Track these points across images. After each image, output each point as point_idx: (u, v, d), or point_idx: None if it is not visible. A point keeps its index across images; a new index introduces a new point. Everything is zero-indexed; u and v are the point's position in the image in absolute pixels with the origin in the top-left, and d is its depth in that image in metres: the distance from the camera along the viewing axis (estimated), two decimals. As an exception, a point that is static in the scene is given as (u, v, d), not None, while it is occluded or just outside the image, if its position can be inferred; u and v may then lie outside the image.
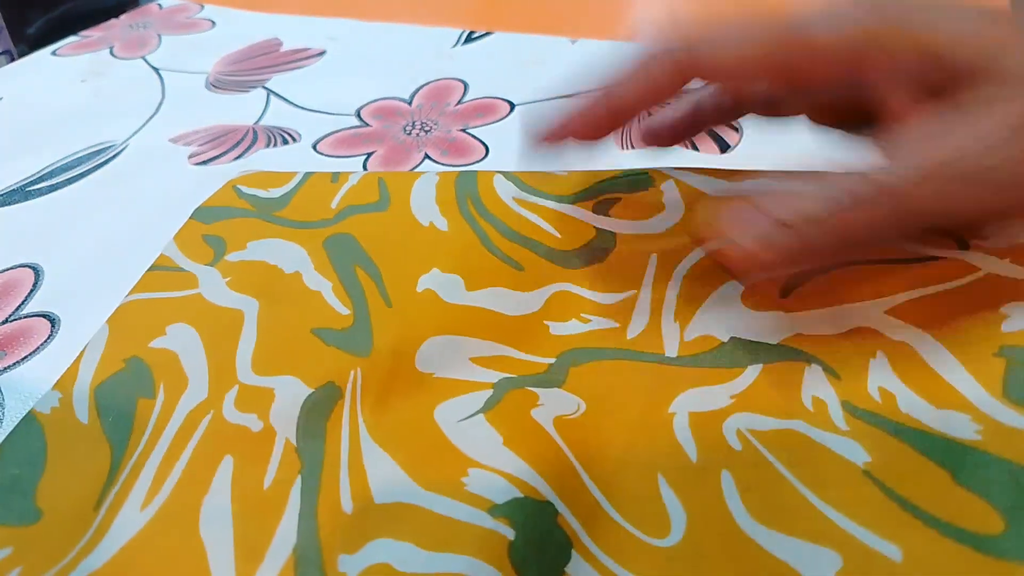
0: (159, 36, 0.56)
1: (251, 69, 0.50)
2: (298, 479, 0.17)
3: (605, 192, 0.25)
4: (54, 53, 0.55)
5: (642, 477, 0.17)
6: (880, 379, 0.17)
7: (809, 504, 0.16)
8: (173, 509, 0.17)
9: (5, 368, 0.30)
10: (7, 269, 0.35)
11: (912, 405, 0.17)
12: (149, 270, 0.26)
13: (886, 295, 0.19)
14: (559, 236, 0.24)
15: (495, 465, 0.17)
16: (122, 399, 0.20)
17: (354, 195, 0.27)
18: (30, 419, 0.20)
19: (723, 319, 0.20)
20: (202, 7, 0.60)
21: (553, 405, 0.19)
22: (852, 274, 0.20)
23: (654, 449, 0.17)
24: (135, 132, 0.45)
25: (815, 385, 0.18)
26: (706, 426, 0.18)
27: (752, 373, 0.19)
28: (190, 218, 0.28)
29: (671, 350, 0.20)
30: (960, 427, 0.16)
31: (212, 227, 0.27)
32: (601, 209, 0.24)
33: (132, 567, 0.16)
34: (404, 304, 0.22)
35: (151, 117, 0.46)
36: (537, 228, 0.24)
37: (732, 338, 0.20)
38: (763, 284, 0.21)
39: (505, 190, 0.26)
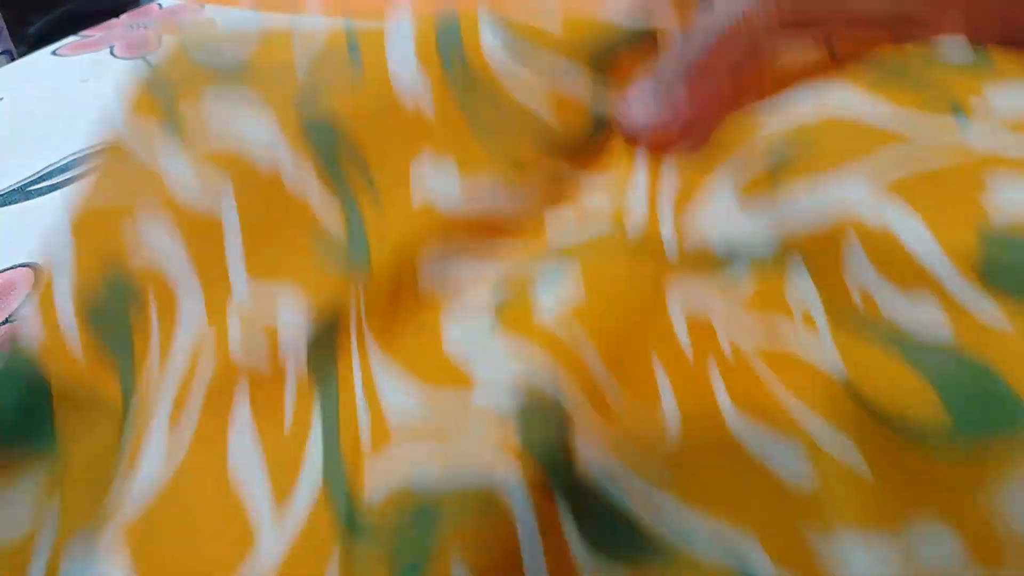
0: (160, 36, 0.56)
1: (252, 69, 0.49)
2: (319, 407, 0.17)
3: (604, 52, 0.22)
4: (54, 53, 0.54)
5: (638, 362, 0.17)
6: (857, 275, 0.17)
7: (790, 415, 0.16)
8: (201, 458, 0.16)
9: (5, 368, 0.30)
10: (6, 269, 0.35)
11: (886, 296, 0.16)
12: (99, 147, 0.22)
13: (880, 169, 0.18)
14: (555, 124, 0.22)
15: (501, 369, 0.16)
16: (113, 318, 0.18)
17: (324, 51, 0.23)
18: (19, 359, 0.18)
19: (719, 220, 0.19)
20: (203, 7, 0.60)
21: (554, 300, 0.18)
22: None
23: (649, 331, 0.18)
24: (135, 132, 0.44)
25: (803, 298, 0.17)
26: (700, 327, 0.18)
27: (747, 289, 0.18)
28: (137, 80, 0.23)
29: (671, 255, 0.19)
30: (930, 321, 0.15)
31: (160, 95, 0.22)
32: (599, 80, 0.22)
33: (166, 515, 0.15)
34: (395, 201, 0.20)
35: (151, 117, 0.46)
36: (532, 115, 0.21)
37: (727, 251, 0.19)
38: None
39: (490, 38, 0.22)
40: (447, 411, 0.16)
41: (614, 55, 0.23)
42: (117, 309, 0.18)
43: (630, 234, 0.19)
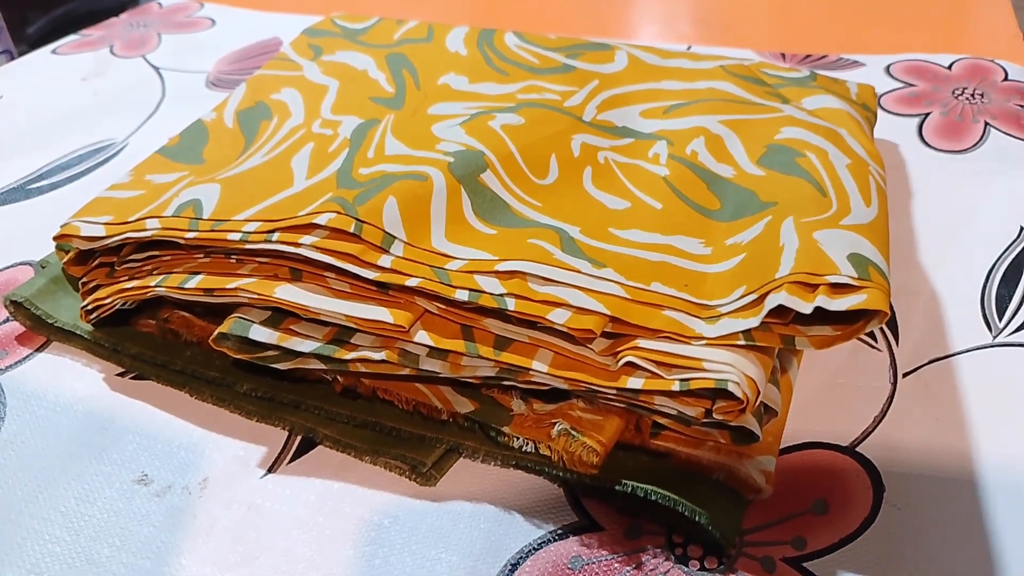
0: (159, 35, 0.56)
1: (251, 68, 0.50)
2: (348, 148, 0.32)
3: (575, 48, 0.41)
4: (54, 52, 0.54)
5: (543, 156, 0.31)
6: (697, 149, 0.32)
7: (630, 190, 0.30)
8: (278, 159, 0.32)
9: (7, 367, 0.30)
10: (7, 267, 0.35)
11: (706, 159, 0.31)
12: (273, 59, 0.42)
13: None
14: (537, 62, 0.39)
15: (457, 140, 0.32)
16: (252, 118, 0.36)
17: (410, 33, 0.43)
18: (200, 123, 0.36)
19: (629, 113, 0.35)
20: (202, 5, 0.60)
21: (504, 119, 0.33)
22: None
23: (556, 145, 0.32)
24: (135, 130, 0.45)
25: (657, 151, 0.32)
26: (589, 152, 0.32)
27: (624, 144, 0.33)
28: (301, 33, 0.44)
29: (588, 118, 0.35)
30: (725, 172, 0.31)
31: (315, 40, 0.43)
32: (570, 56, 0.40)
33: (252, 175, 0.31)
34: (428, 88, 0.37)
35: (151, 115, 0.46)
36: (524, 59, 0.40)
37: (623, 130, 0.34)
38: None
39: (511, 39, 0.42)
40: (419, 156, 0.31)
41: (582, 49, 0.41)
42: (254, 114, 0.37)
43: (565, 104, 0.35)
